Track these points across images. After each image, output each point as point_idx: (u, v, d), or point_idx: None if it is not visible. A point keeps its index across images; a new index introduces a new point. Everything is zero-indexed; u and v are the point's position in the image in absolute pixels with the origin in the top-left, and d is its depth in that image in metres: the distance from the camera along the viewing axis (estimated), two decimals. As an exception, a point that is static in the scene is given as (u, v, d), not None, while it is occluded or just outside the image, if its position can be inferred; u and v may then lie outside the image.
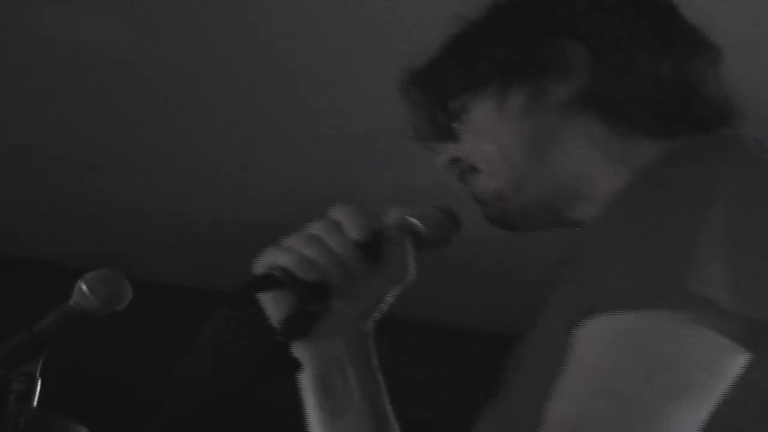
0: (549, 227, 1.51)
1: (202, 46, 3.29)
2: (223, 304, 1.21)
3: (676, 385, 1.15)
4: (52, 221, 4.16)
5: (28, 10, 3.15)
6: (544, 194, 1.46)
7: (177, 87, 3.49)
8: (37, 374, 1.27)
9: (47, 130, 3.70)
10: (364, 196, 3.23)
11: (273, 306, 1.48)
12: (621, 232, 1.23)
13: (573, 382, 1.18)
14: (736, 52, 1.51)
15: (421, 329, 4.43)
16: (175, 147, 3.76)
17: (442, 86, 1.50)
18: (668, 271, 1.17)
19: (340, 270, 1.45)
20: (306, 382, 1.52)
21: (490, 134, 1.47)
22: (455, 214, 1.53)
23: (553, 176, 1.45)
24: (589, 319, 1.19)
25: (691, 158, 1.28)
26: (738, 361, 1.17)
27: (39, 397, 1.27)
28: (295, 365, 1.43)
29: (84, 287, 1.30)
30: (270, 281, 1.43)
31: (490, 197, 1.48)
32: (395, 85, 1.53)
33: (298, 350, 1.48)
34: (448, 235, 1.52)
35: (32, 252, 4.31)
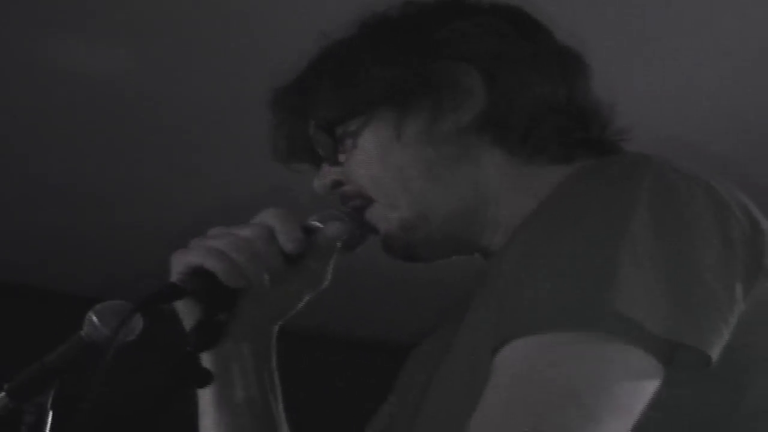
0: (450, 256, 1.47)
1: (212, 78, 3.30)
2: (128, 316, 1.16)
3: (600, 407, 1.11)
4: (59, 251, 4.17)
5: (37, 41, 3.16)
6: (447, 222, 1.41)
7: (186, 119, 3.50)
8: (49, 405, 1.27)
9: (56, 160, 3.71)
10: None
11: (183, 314, 1.41)
12: (540, 249, 1.19)
13: (495, 405, 1.14)
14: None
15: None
16: (185, 178, 3.78)
17: (324, 110, 1.44)
18: (589, 291, 1.13)
19: (265, 278, 1.39)
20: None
21: (386, 161, 1.42)
22: (365, 218, 1.46)
23: (455, 204, 1.41)
24: (510, 341, 1.15)
25: (607, 175, 1.24)
26: (657, 381, 1.15)
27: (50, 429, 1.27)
28: (206, 377, 1.37)
29: (94, 318, 1.30)
30: (176, 292, 1.35)
31: (395, 229, 1.43)
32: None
33: (204, 356, 1.43)
34: (363, 241, 1.48)
35: (41, 282, 4.32)
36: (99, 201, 3.89)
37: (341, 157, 1.45)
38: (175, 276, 1.36)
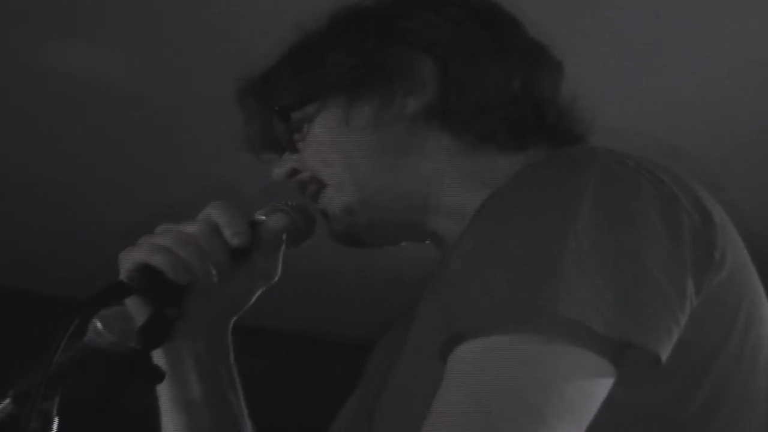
0: (398, 242, 1.48)
1: (210, 79, 3.29)
2: (75, 314, 1.15)
3: (550, 409, 1.10)
4: (60, 253, 4.16)
5: (38, 43, 3.16)
6: (392, 208, 1.42)
7: (188, 121, 3.49)
8: (54, 412, 1.27)
9: (56, 162, 3.71)
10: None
11: (133, 311, 1.38)
12: (485, 248, 1.18)
13: (445, 411, 1.13)
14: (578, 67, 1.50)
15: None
16: (185, 179, 3.77)
17: (282, 96, 1.45)
18: (533, 292, 1.12)
19: (212, 273, 1.38)
20: (162, 386, 1.48)
21: (336, 147, 1.43)
22: (311, 211, 1.48)
23: (401, 190, 1.42)
24: (459, 344, 1.14)
25: (552, 170, 1.22)
26: (608, 381, 1.13)
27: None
28: (157, 375, 1.36)
29: (98, 324, 1.31)
30: (123, 289, 1.33)
31: (338, 211, 1.44)
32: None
33: (157, 354, 1.43)
34: (310, 234, 1.49)
35: (43, 285, 4.31)
36: (99, 202, 3.89)
37: (299, 145, 1.46)
38: (122, 274, 1.36)
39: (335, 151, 1.43)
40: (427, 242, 1.47)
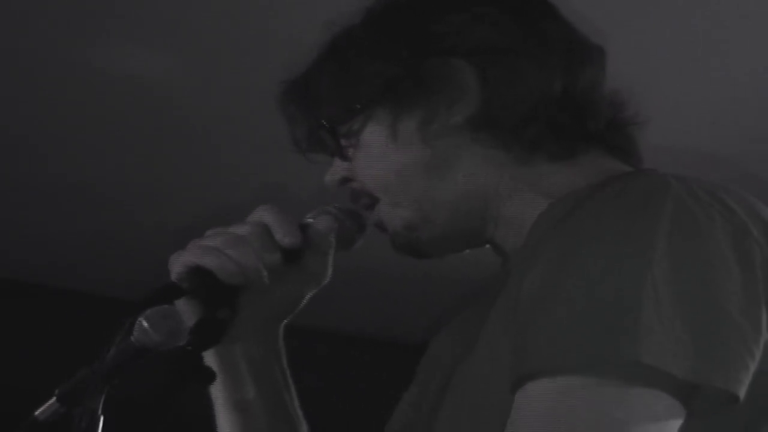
0: (460, 251, 1.46)
1: (241, 79, 3.30)
2: (127, 316, 1.16)
3: None
4: (103, 254, 4.19)
5: (77, 43, 3.18)
6: (452, 222, 1.41)
7: (230, 122, 3.50)
8: (100, 410, 1.27)
9: (99, 164, 3.73)
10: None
11: (184, 313, 1.38)
12: (560, 280, 1.16)
13: None
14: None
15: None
16: (214, 178, 3.78)
17: (325, 108, 1.44)
18: (611, 334, 1.11)
19: (263, 274, 1.38)
20: (216, 388, 1.48)
21: (385, 162, 1.41)
22: (360, 214, 1.48)
23: (458, 203, 1.40)
24: (530, 380, 1.13)
25: (624, 204, 1.20)
26: (680, 421, 1.13)
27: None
28: (209, 376, 1.35)
29: (145, 324, 1.31)
30: (174, 291, 1.34)
31: (399, 228, 1.43)
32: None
33: (209, 357, 1.41)
34: (360, 237, 1.48)
35: (87, 285, 4.34)
36: (141, 204, 3.90)
37: (350, 153, 1.44)
38: (173, 276, 1.36)
39: (385, 166, 1.42)
40: (486, 246, 1.46)
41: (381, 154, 1.41)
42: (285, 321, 1.50)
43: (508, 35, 1.40)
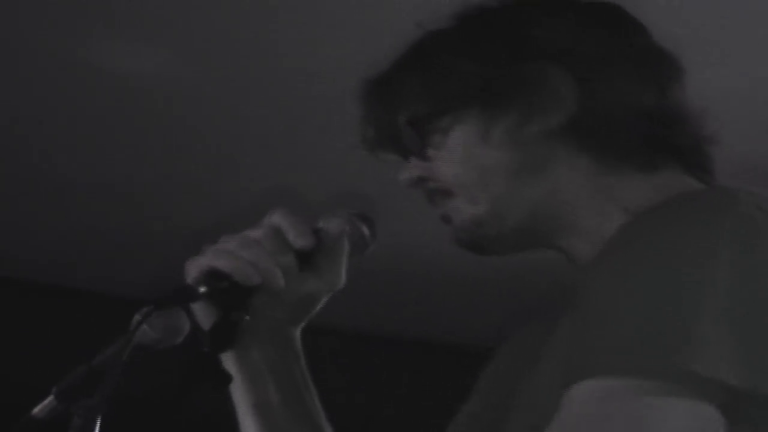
0: (522, 251, 1.46)
1: (248, 77, 3.30)
2: (143, 319, 1.17)
3: None
4: (101, 252, 4.19)
5: (77, 41, 3.18)
6: (522, 223, 1.41)
7: (226, 119, 3.50)
8: (97, 409, 1.25)
9: (99, 163, 3.73)
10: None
11: (200, 316, 1.42)
12: (621, 288, 1.18)
13: None
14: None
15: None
16: (226, 178, 3.79)
17: (413, 106, 1.44)
18: (667, 342, 1.13)
19: (278, 275, 1.41)
20: (237, 391, 1.49)
21: (472, 162, 1.41)
22: (372, 219, 1.50)
23: (535, 208, 1.40)
24: (581, 380, 1.15)
25: (694, 215, 1.22)
26: (721, 429, 1.14)
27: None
28: (225, 378, 1.38)
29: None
30: (190, 293, 1.36)
31: (466, 222, 1.43)
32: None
33: (228, 360, 1.44)
34: (373, 241, 1.50)
35: (86, 284, 4.34)
36: (140, 200, 3.91)
37: (429, 152, 1.44)
38: (189, 280, 1.38)
39: (472, 166, 1.41)
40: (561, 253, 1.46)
41: (468, 155, 1.42)
42: (302, 324, 1.52)
43: (605, 46, 1.40)
